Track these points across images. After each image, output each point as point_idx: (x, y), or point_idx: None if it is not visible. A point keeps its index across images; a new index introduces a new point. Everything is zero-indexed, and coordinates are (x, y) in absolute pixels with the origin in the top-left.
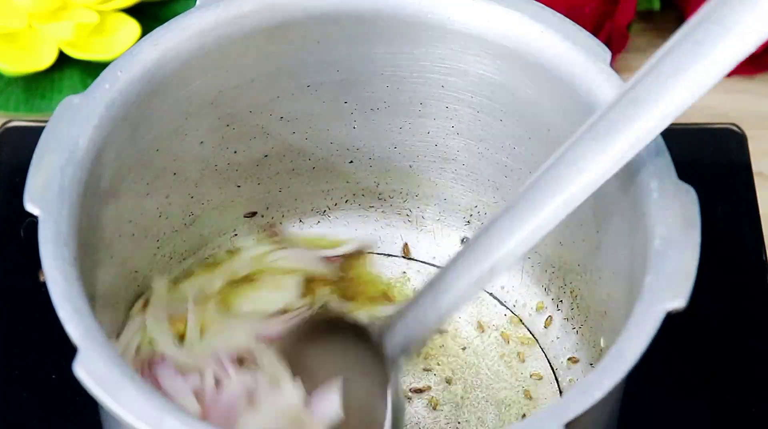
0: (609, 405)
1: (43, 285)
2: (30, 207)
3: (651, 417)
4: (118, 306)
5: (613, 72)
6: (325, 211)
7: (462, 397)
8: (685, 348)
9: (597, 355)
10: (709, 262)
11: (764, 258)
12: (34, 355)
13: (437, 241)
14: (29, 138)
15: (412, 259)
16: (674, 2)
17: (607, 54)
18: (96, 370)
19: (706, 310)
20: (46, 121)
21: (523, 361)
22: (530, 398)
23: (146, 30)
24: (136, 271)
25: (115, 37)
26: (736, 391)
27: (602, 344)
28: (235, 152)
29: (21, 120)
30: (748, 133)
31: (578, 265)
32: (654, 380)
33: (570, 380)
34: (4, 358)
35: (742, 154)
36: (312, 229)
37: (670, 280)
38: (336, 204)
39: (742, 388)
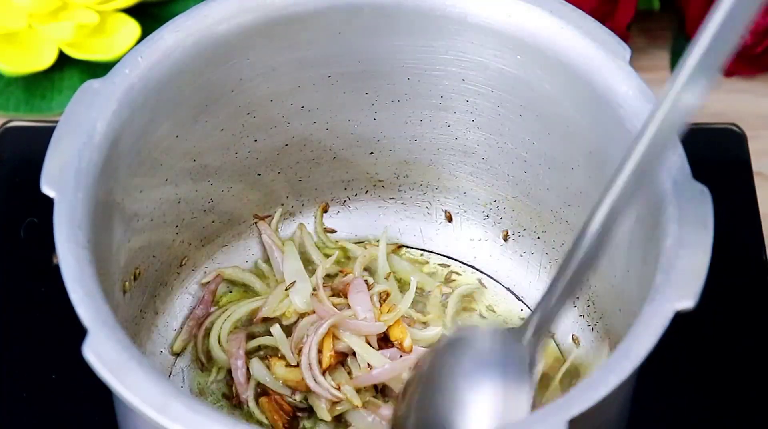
0: (615, 403)
1: (44, 284)
2: (46, 189)
3: (649, 416)
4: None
5: (631, 69)
6: (345, 201)
7: None
8: (685, 347)
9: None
10: (709, 262)
11: (764, 258)
12: (34, 355)
13: (456, 235)
14: (29, 138)
15: (432, 252)
16: (674, 2)
17: (626, 51)
18: (104, 353)
19: (706, 310)
20: (46, 121)
21: None
22: None
23: (146, 30)
24: (153, 256)
25: (115, 38)
26: (736, 391)
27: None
28: (256, 140)
29: (21, 120)
30: (748, 133)
31: None
32: (652, 379)
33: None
34: (4, 358)
35: (742, 154)
36: (332, 218)
37: (679, 279)
38: (356, 195)
39: (742, 388)
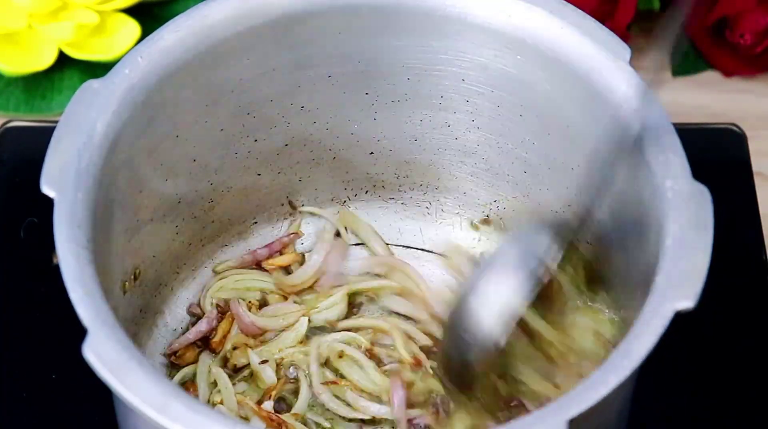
0: (615, 403)
1: (44, 284)
2: (46, 189)
3: (649, 416)
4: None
5: (632, 69)
6: (345, 201)
7: None
8: (685, 347)
9: None
10: (709, 262)
11: (764, 258)
12: (34, 355)
13: (456, 235)
14: (29, 138)
15: (431, 252)
16: (674, 2)
17: (626, 51)
18: (104, 353)
19: (706, 310)
20: (46, 121)
21: None
22: None
23: (146, 30)
24: (153, 256)
25: (115, 37)
26: (736, 391)
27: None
28: (256, 140)
29: (21, 120)
30: (748, 133)
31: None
32: (652, 379)
33: None
34: (4, 358)
35: (742, 154)
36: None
37: (680, 279)
38: (356, 195)
39: (742, 388)
